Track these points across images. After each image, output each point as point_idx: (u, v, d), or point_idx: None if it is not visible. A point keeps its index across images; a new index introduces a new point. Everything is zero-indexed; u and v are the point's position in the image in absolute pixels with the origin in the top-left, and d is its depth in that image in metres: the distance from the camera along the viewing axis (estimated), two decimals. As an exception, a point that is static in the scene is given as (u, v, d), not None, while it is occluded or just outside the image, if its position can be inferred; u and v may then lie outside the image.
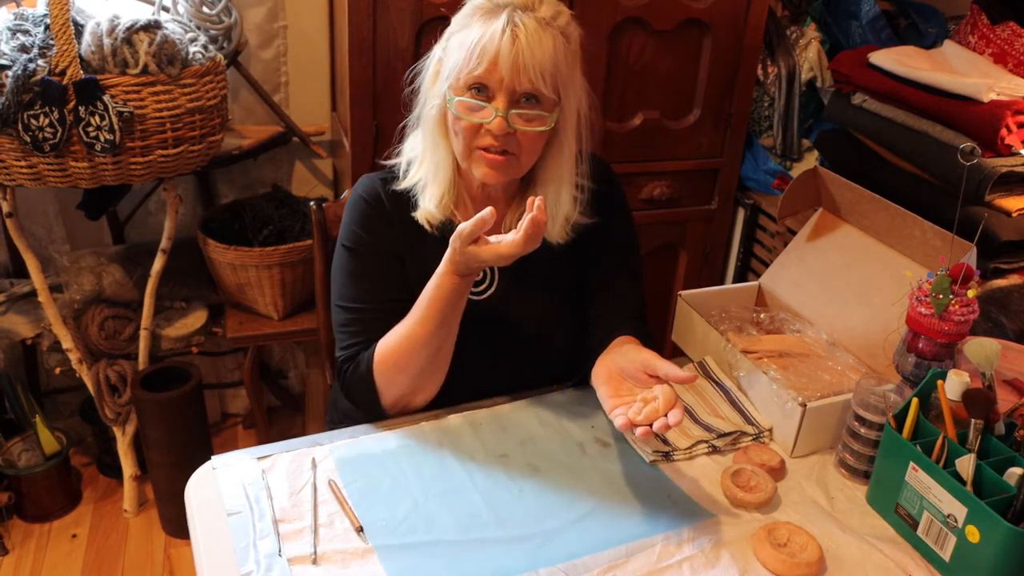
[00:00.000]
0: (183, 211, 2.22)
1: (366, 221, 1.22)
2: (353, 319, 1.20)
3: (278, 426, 2.46)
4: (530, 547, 0.98)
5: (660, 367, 1.01)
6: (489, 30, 1.07)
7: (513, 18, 1.07)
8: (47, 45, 1.56)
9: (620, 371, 1.04)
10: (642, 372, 1.03)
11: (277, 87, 2.15)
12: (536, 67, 1.07)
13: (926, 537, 0.99)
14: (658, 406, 0.97)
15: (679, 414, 0.96)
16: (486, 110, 1.10)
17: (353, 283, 1.21)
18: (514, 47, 1.06)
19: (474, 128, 1.11)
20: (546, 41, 1.07)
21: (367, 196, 1.24)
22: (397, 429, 1.18)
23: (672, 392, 0.98)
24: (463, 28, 1.11)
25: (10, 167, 1.61)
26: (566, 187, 1.20)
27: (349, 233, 1.23)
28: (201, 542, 0.97)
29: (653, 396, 0.99)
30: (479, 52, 1.07)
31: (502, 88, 1.08)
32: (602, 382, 1.05)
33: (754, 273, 2.27)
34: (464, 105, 1.11)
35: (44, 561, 2.00)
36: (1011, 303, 1.47)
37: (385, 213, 1.23)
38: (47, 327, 1.96)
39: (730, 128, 2.08)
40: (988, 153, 1.58)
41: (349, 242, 1.23)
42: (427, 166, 1.20)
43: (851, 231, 1.43)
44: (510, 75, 1.07)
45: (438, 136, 1.18)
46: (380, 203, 1.23)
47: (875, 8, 2.10)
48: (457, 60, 1.10)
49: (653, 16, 1.87)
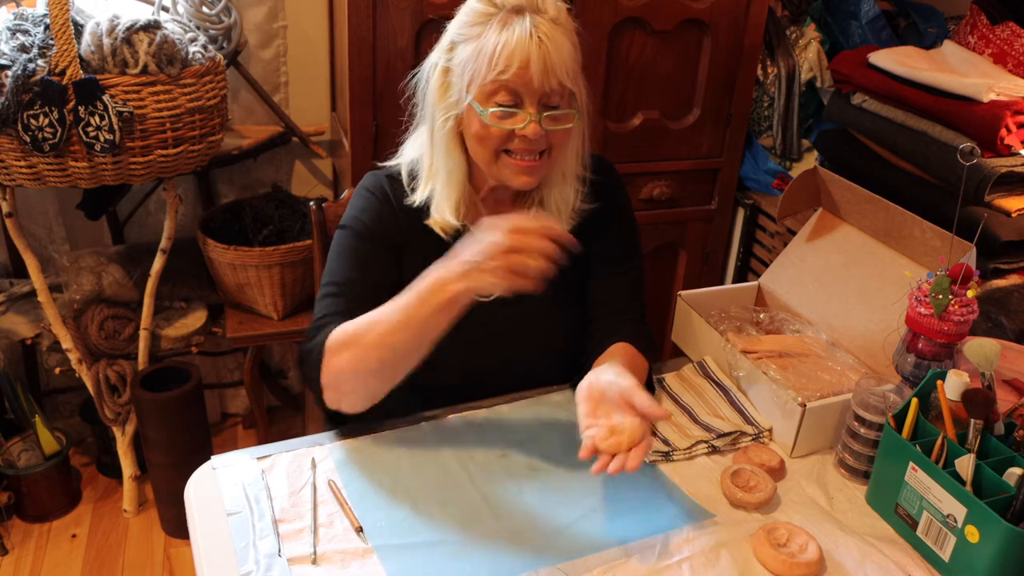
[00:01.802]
0: (183, 211, 2.22)
1: (370, 210, 1.22)
2: (335, 292, 1.17)
3: (278, 426, 2.46)
4: (530, 547, 0.98)
5: (637, 400, 0.99)
6: (514, 35, 1.07)
7: (532, 23, 1.07)
8: (47, 45, 1.56)
9: (602, 393, 1.03)
10: (622, 399, 1.02)
11: (277, 87, 2.16)
12: (562, 67, 1.08)
13: (926, 537, 0.99)
14: (622, 440, 0.96)
15: (638, 458, 0.94)
16: (519, 116, 1.10)
17: (344, 261, 1.20)
18: (541, 50, 1.07)
19: (505, 135, 1.11)
20: (563, 40, 1.09)
21: (373, 189, 1.24)
22: (397, 429, 1.18)
23: (640, 429, 0.97)
24: (476, 37, 1.10)
25: (10, 167, 1.61)
26: (571, 180, 1.22)
27: (350, 218, 1.23)
28: (201, 542, 0.97)
29: (622, 428, 0.97)
30: (506, 57, 1.07)
31: (532, 91, 1.09)
32: (583, 399, 1.03)
33: (754, 273, 2.27)
34: (496, 115, 1.10)
35: (44, 561, 2.00)
36: (1011, 303, 1.48)
37: (390, 208, 1.23)
38: (47, 327, 1.96)
39: (730, 128, 2.08)
40: (988, 153, 1.59)
41: (348, 223, 1.22)
42: (440, 176, 1.20)
43: (851, 231, 1.43)
44: (540, 78, 1.08)
45: (451, 147, 1.17)
46: (386, 198, 1.23)
47: (875, 8, 2.10)
48: (478, 68, 1.09)
49: (653, 16, 1.87)
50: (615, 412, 0.99)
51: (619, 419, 0.98)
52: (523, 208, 1.25)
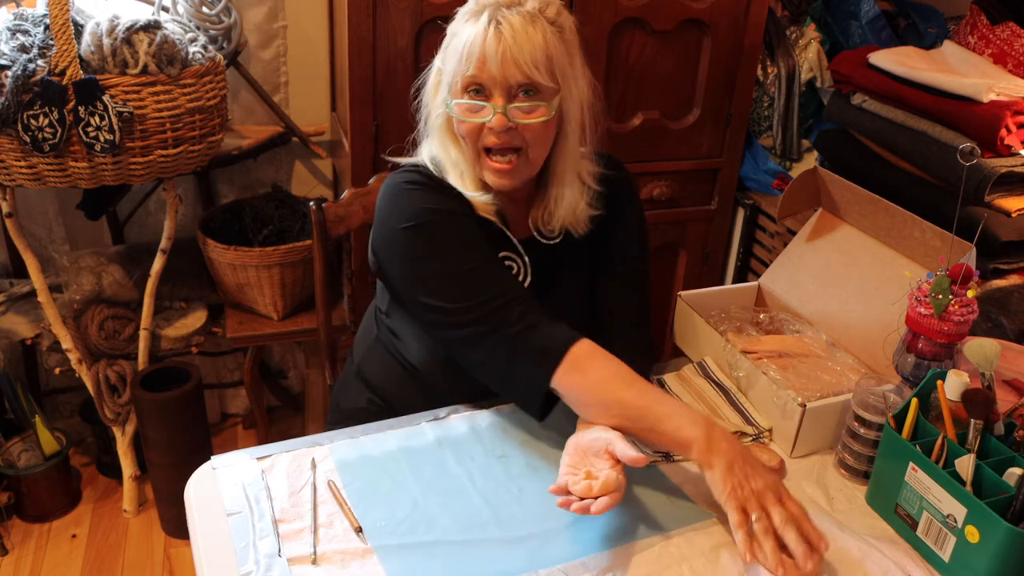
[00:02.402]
0: (183, 211, 2.22)
1: (430, 197, 1.15)
2: (470, 278, 1.09)
3: (278, 426, 2.46)
4: (530, 547, 0.98)
5: (617, 448, 1.00)
6: (478, 30, 1.08)
7: (496, 16, 1.07)
8: (47, 45, 1.56)
9: (586, 447, 1.04)
10: (603, 451, 1.02)
11: (277, 87, 2.16)
12: (526, 57, 1.07)
13: (926, 537, 0.99)
14: (594, 486, 0.96)
15: (603, 507, 0.94)
16: (485, 109, 1.10)
17: (447, 252, 1.11)
18: (500, 43, 1.06)
19: (477, 129, 1.12)
20: (534, 32, 1.07)
21: (414, 181, 1.16)
22: (397, 429, 1.18)
23: (616, 482, 0.97)
24: (455, 35, 1.12)
25: (10, 167, 1.61)
26: (580, 179, 1.21)
27: (413, 213, 1.12)
28: (201, 542, 0.97)
29: (597, 476, 0.98)
30: (467, 54, 1.08)
31: (496, 84, 1.09)
32: (568, 452, 1.05)
33: (754, 273, 2.27)
34: (463, 107, 1.11)
35: (44, 561, 2.00)
36: (1011, 303, 1.47)
37: (444, 190, 1.17)
38: (47, 327, 1.96)
39: (730, 128, 2.08)
40: (988, 153, 1.58)
41: (417, 219, 1.12)
42: (452, 172, 1.20)
43: (851, 231, 1.43)
44: (501, 69, 1.07)
45: (448, 143, 1.19)
46: (434, 181, 1.18)
47: (875, 8, 2.10)
48: (452, 66, 1.11)
49: (653, 16, 1.87)
50: (598, 463, 1.01)
51: (598, 468, 1.00)
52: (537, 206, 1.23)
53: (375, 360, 1.32)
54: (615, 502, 0.96)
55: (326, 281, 1.59)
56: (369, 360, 1.34)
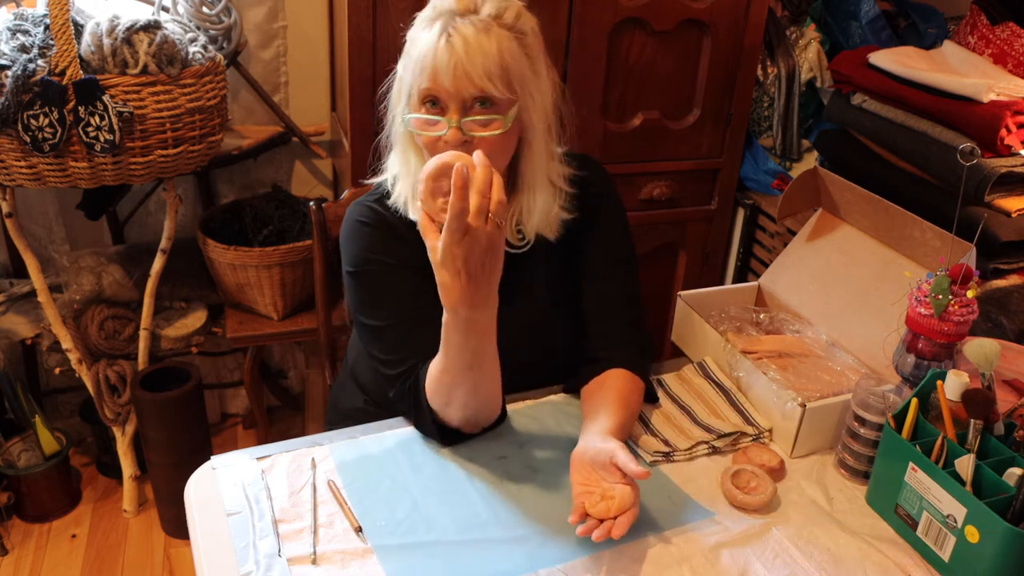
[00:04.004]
0: (183, 211, 2.22)
1: (372, 243, 1.18)
2: (391, 335, 1.15)
3: (278, 426, 2.46)
4: (530, 547, 0.98)
5: (620, 460, 0.99)
6: (430, 40, 1.04)
7: (448, 26, 1.04)
8: (47, 45, 1.57)
9: (591, 461, 1.03)
10: (609, 463, 1.01)
11: (277, 87, 2.16)
12: (479, 71, 1.03)
13: (925, 537, 0.99)
14: (611, 507, 0.96)
15: (624, 525, 0.95)
16: (440, 124, 1.06)
17: (376, 305, 1.16)
18: (452, 55, 1.02)
19: (433, 142, 1.08)
20: (488, 43, 1.03)
21: (366, 219, 1.19)
22: (397, 430, 1.18)
23: (630, 497, 0.97)
24: (413, 43, 1.09)
25: (10, 167, 1.61)
26: (551, 183, 1.18)
27: (355, 259, 1.18)
28: (201, 542, 0.97)
29: (612, 495, 0.98)
30: (421, 66, 1.05)
31: (451, 97, 1.05)
32: (575, 470, 1.05)
33: (754, 273, 2.27)
34: (418, 122, 1.08)
35: (44, 561, 2.00)
36: (1011, 303, 1.47)
37: (392, 231, 1.19)
38: (47, 327, 1.96)
39: (730, 128, 2.08)
40: (988, 153, 1.58)
41: (356, 267, 1.17)
42: (406, 181, 1.17)
43: (851, 231, 1.43)
44: (453, 83, 1.04)
45: (410, 151, 1.16)
46: (384, 223, 1.19)
47: (875, 8, 2.11)
48: (409, 77, 1.08)
49: (653, 16, 1.87)
50: (608, 477, 1.01)
51: (611, 485, 1.00)
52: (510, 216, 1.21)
53: (365, 364, 1.32)
54: (634, 517, 0.96)
55: (326, 281, 1.59)
56: (360, 363, 1.35)
